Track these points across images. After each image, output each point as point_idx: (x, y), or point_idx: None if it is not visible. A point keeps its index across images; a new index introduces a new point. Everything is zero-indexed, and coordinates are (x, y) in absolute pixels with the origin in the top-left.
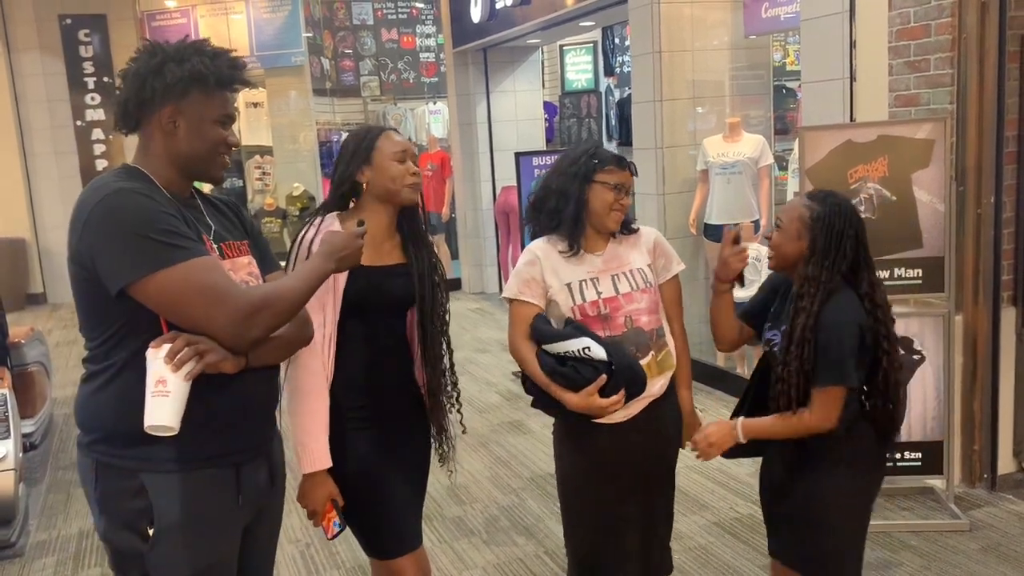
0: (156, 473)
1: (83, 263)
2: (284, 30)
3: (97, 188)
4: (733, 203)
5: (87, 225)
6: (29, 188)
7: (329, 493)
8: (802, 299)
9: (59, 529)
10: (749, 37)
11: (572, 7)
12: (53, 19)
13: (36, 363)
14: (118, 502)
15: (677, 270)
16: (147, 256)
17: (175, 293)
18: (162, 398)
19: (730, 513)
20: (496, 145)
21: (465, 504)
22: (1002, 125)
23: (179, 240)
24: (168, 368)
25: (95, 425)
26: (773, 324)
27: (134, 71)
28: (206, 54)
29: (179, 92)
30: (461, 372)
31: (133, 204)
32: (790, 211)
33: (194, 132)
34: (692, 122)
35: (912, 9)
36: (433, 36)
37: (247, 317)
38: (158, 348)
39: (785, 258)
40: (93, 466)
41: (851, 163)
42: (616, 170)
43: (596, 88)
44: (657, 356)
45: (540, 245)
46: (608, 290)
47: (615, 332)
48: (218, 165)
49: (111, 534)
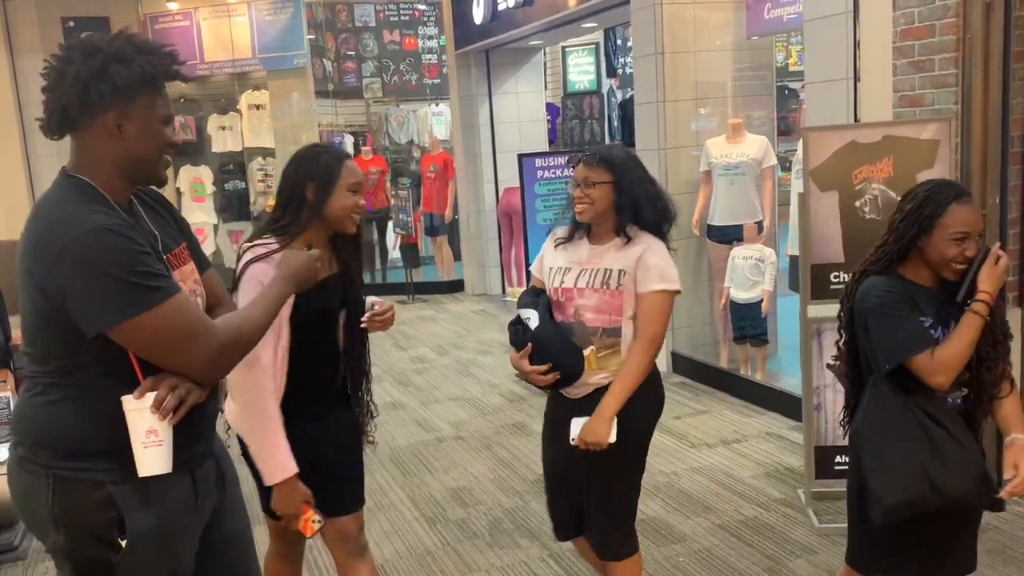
0: (122, 484)
1: (50, 297)
2: (286, 32)
3: (66, 218)
4: (736, 204)
5: (60, 262)
6: (32, 190)
7: (303, 495)
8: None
9: None
10: (752, 38)
11: (574, 8)
12: (56, 22)
13: None
14: (82, 515)
15: (657, 287)
16: (125, 301)
17: (152, 336)
18: (156, 448)
19: (735, 516)
20: (499, 147)
21: (469, 507)
22: (1007, 125)
23: (154, 280)
24: (155, 418)
25: (57, 441)
26: (943, 325)
27: (74, 74)
28: (148, 51)
29: (127, 96)
30: (464, 374)
31: (110, 246)
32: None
33: (142, 135)
34: (695, 123)
35: (916, 9)
36: (435, 38)
37: (220, 355)
38: (141, 399)
39: None
40: (48, 483)
41: (856, 164)
42: (576, 167)
43: (598, 89)
44: (598, 352)
45: (552, 235)
46: (569, 282)
47: (567, 319)
48: (163, 166)
49: (75, 547)
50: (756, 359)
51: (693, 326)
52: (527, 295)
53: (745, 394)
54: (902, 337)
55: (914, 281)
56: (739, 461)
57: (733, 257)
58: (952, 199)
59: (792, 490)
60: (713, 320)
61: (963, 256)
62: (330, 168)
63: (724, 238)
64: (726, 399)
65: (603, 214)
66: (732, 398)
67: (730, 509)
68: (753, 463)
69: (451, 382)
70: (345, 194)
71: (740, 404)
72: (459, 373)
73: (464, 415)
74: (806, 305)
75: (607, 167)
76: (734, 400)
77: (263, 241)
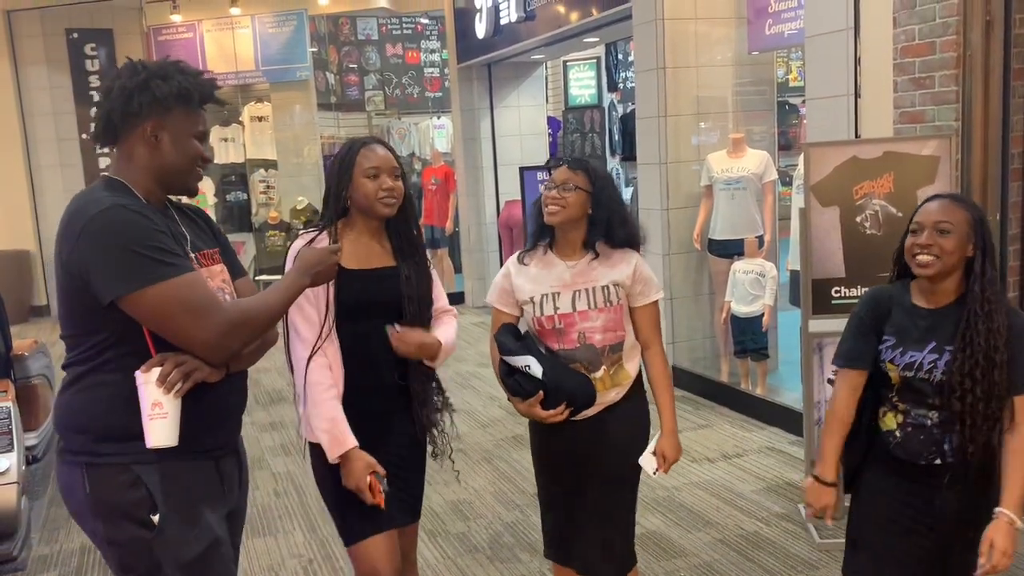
0: (147, 464)
1: (75, 273)
2: (289, 45)
3: (90, 202)
4: (737, 218)
5: (81, 237)
6: (34, 200)
7: (367, 464)
8: (988, 304)
9: (61, 543)
10: (752, 53)
11: (576, 23)
12: (60, 33)
13: (39, 376)
14: (114, 497)
15: (656, 297)
16: (138, 271)
17: (162, 308)
18: (161, 420)
19: (736, 531)
20: (500, 160)
21: (469, 520)
22: (1007, 142)
23: (168, 257)
24: (160, 391)
25: (83, 426)
26: (908, 346)
27: (119, 86)
28: (188, 73)
29: (164, 107)
30: (464, 386)
31: (127, 220)
32: (955, 214)
33: (175, 145)
34: (696, 137)
35: (917, 26)
36: (437, 51)
37: (226, 333)
38: (148, 373)
39: (952, 264)
40: (81, 472)
41: (856, 179)
42: (557, 169)
43: (600, 103)
44: (610, 371)
45: (513, 260)
46: (565, 306)
47: (568, 346)
48: (195, 178)
49: (112, 533)
50: (757, 373)
51: (694, 340)
52: (507, 337)
53: (746, 408)
54: (841, 347)
55: (912, 296)
56: (740, 475)
57: (734, 271)
58: (928, 201)
59: (793, 505)
60: (714, 334)
61: (914, 245)
62: (347, 157)
63: (725, 252)
64: (727, 413)
65: (573, 221)
66: (733, 412)
67: (731, 524)
68: (754, 477)
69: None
70: (362, 180)
71: (741, 418)
72: (459, 386)
73: (464, 428)
74: (807, 320)
75: (588, 177)
76: (735, 414)
77: (305, 231)
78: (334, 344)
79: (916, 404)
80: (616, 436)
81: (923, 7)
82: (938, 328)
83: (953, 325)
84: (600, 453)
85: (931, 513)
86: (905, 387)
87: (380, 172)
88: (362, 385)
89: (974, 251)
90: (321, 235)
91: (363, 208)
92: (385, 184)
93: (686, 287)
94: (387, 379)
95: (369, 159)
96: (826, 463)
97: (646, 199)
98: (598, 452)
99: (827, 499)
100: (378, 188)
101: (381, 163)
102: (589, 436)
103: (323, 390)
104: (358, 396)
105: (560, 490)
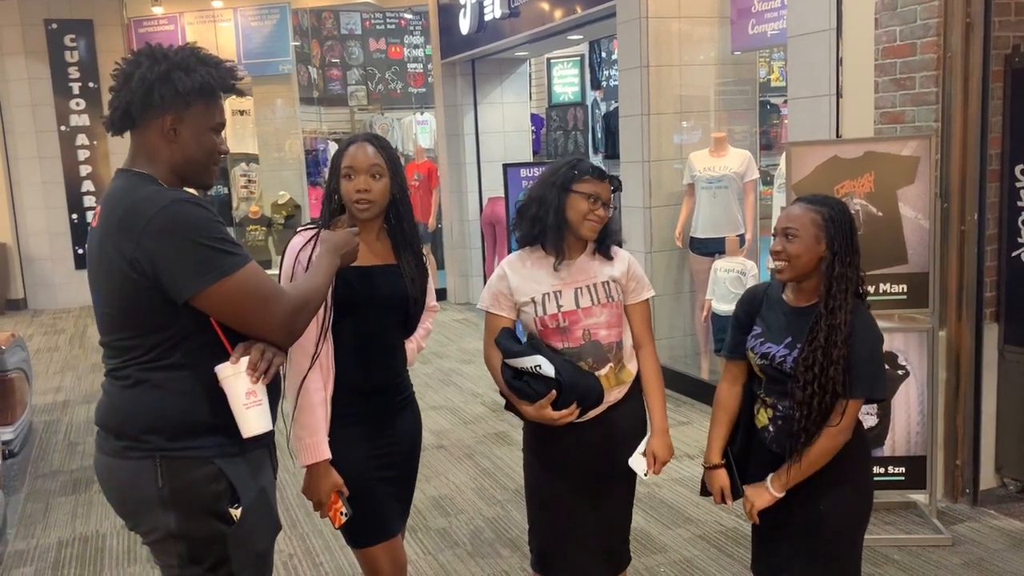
0: (227, 457)
1: (141, 270)
2: (272, 39)
3: (143, 199)
4: (719, 217)
5: (146, 233)
6: (11, 193)
7: (333, 483)
8: (833, 301)
9: (38, 538)
10: (735, 53)
11: (560, 21)
12: (39, 24)
13: (17, 369)
14: (195, 491)
15: (647, 295)
16: (211, 265)
17: (235, 299)
18: (256, 408)
19: (715, 526)
20: (483, 156)
21: (450, 516)
22: (986, 143)
23: (232, 247)
24: (251, 379)
25: (158, 424)
26: (769, 338)
27: (140, 76)
28: (210, 63)
29: (185, 102)
30: (446, 383)
31: (190, 213)
32: (799, 218)
33: (193, 139)
34: (678, 136)
35: (898, 28)
36: (421, 47)
37: (293, 317)
38: (236, 363)
39: (805, 266)
40: (155, 465)
41: (837, 179)
42: (593, 181)
43: (583, 101)
44: (615, 368)
45: (511, 260)
46: (569, 303)
47: (573, 344)
48: (211, 173)
49: (188, 525)
50: None
51: (674, 338)
52: (509, 342)
53: None
54: (725, 340)
55: (785, 293)
56: None
57: (715, 269)
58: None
59: None
60: (694, 332)
61: (771, 251)
62: (336, 155)
63: (706, 250)
64: (707, 410)
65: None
66: None
67: (710, 520)
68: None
69: (433, 391)
70: (342, 181)
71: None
72: (441, 382)
73: (446, 424)
74: None
75: (616, 192)
76: None
77: (304, 227)
78: (328, 343)
79: (780, 397)
80: (621, 435)
81: (904, 9)
82: (797, 325)
83: (810, 323)
84: (606, 453)
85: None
86: (770, 380)
87: (355, 172)
88: (362, 385)
89: (826, 251)
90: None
91: (349, 208)
92: (359, 185)
93: (667, 285)
94: (383, 378)
95: (346, 158)
96: (711, 448)
97: (628, 197)
98: (604, 452)
99: (720, 481)
100: (352, 189)
101: (355, 163)
102: (595, 436)
103: (313, 392)
104: (358, 396)
105: (561, 492)
